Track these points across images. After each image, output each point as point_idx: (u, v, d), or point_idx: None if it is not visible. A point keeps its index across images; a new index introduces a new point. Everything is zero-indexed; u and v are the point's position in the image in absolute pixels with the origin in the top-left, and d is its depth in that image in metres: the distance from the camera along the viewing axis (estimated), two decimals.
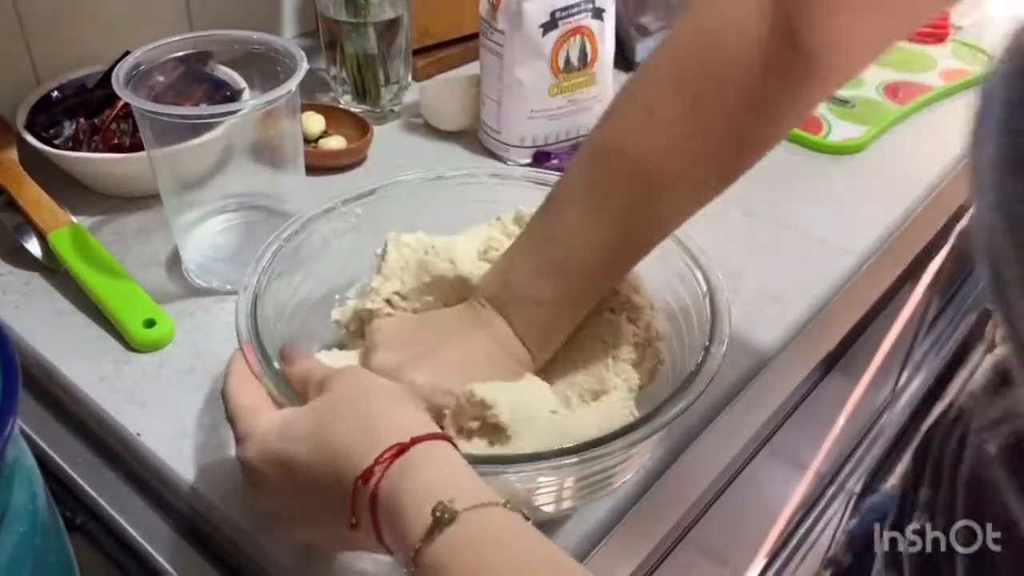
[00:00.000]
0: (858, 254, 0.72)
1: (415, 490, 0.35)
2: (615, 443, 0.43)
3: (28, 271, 0.67)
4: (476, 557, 0.33)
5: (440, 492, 0.35)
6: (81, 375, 0.58)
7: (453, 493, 0.35)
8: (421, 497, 0.35)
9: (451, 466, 0.37)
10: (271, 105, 0.60)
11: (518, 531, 0.35)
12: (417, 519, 0.34)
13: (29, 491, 0.34)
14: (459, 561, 0.33)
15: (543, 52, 0.78)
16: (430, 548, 0.34)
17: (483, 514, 0.34)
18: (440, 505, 0.34)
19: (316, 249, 0.57)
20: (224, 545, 0.51)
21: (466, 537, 0.34)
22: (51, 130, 0.75)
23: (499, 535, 0.34)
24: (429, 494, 0.35)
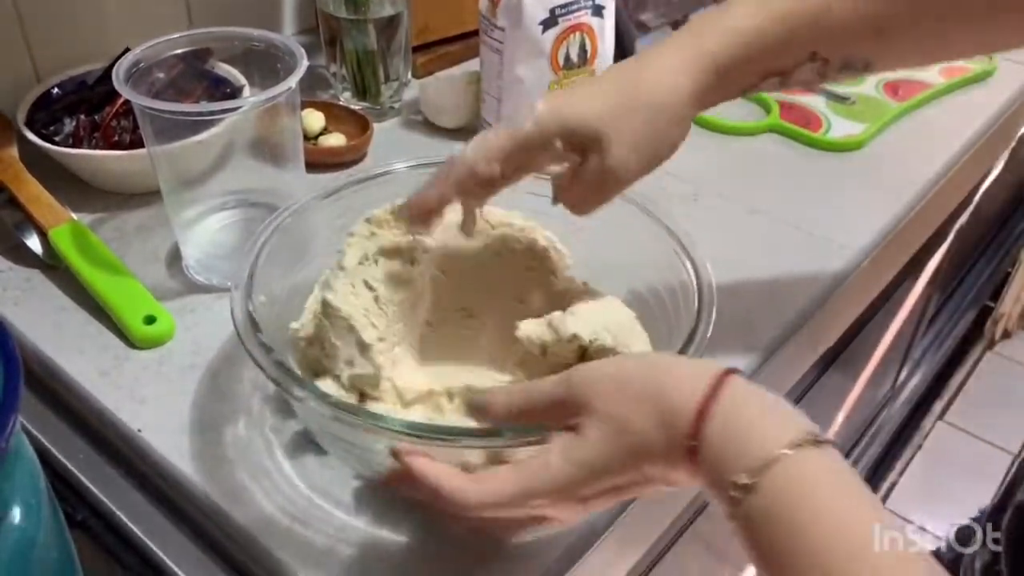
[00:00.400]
0: (858, 251, 0.72)
1: (722, 452, 0.37)
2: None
3: (28, 268, 0.67)
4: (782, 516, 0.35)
5: (744, 450, 0.36)
6: (82, 372, 0.58)
7: (756, 448, 0.36)
8: (730, 458, 0.36)
9: (747, 411, 0.38)
10: (271, 102, 0.60)
11: (829, 471, 0.36)
12: (727, 480, 0.36)
13: (31, 486, 0.34)
14: (772, 520, 0.35)
15: (543, 49, 0.78)
16: (740, 512, 0.36)
17: (787, 467, 0.35)
18: (748, 471, 0.35)
19: (310, 236, 0.57)
20: (224, 540, 0.51)
21: (772, 499, 0.35)
22: (51, 127, 0.75)
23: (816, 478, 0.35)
24: (737, 452, 0.36)
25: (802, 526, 0.34)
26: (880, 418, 1.49)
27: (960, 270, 1.60)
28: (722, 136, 0.89)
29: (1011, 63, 1.04)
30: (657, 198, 0.78)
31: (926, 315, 1.41)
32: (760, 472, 0.35)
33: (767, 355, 0.62)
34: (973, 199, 1.20)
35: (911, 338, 1.40)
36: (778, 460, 0.35)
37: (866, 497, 0.35)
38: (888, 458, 1.75)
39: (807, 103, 0.94)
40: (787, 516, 0.34)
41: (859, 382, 1.17)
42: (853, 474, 0.36)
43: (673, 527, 0.69)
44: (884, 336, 1.16)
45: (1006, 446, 1.88)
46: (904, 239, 0.81)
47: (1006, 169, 1.25)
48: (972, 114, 0.93)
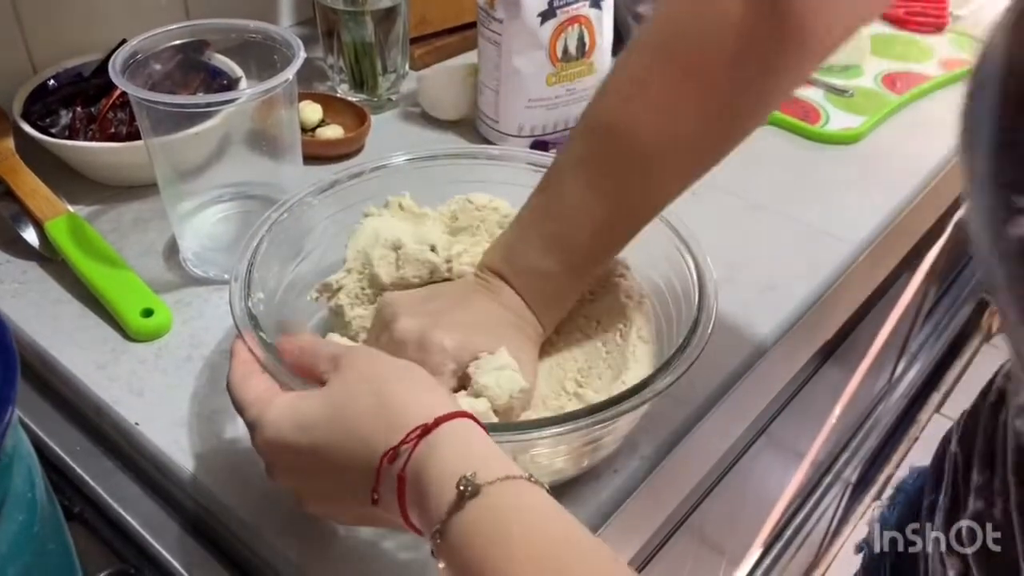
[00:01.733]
0: (855, 243, 0.72)
1: (440, 467, 0.36)
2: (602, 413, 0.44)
3: (25, 260, 0.67)
4: (500, 528, 0.34)
5: (464, 467, 0.35)
6: (79, 364, 0.58)
7: (477, 467, 0.35)
8: (446, 473, 0.36)
9: (474, 443, 0.38)
10: (268, 94, 0.59)
11: (540, 504, 0.36)
12: (442, 495, 0.35)
13: (28, 479, 0.34)
14: (483, 532, 0.34)
15: (541, 41, 0.78)
16: (455, 520, 0.34)
17: (506, 487, 0.35)
18: (463, 479, 0.35)
19: (307, 230, 0.58)
20: (222, 533, 0.51)
21: (490, 509, 0.34)
22: (48, 119, 0.74)
23: (522, 507, 0.35)
24: (453, 470, 0.35)
25: (512, 553, 0.33)
26: (877, 411, 1.49)
27: (958, 263, 1.60)
28: None
29: None
30: None
31: (924, 308, 1.41)
32: (479, 484, 0.35)
33: (765, 348, 0.62)
34: None
35: (908, 331, 1.40)
36: (499, 480, 0.35)
37: (585, 536, 0.35)
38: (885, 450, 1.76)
39: (805, 96, 0.94)
40: (499, 538, 0.34)
41: (856, 375, 1.17)
42: (571, 516, 0.36)
43: (669, 522, 0.70)
44: (882, 329, 1.16)
45: None
46: (902, 232, 0.81)
47: None
48: None
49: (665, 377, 0.47)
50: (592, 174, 0.51)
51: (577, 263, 0.53)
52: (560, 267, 0.52)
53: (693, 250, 0.55)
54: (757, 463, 0.89)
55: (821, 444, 1.21)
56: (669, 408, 0.56)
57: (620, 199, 0.51)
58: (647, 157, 0.50)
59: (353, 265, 0.56)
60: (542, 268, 0.52)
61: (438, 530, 0.35)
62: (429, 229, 0.58)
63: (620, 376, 0.53)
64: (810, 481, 1.29)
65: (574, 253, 0.52)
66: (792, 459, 1.15)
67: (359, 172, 0.60)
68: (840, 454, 1.37)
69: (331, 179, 0.59)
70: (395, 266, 0.55)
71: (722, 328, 0.63)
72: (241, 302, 0.49)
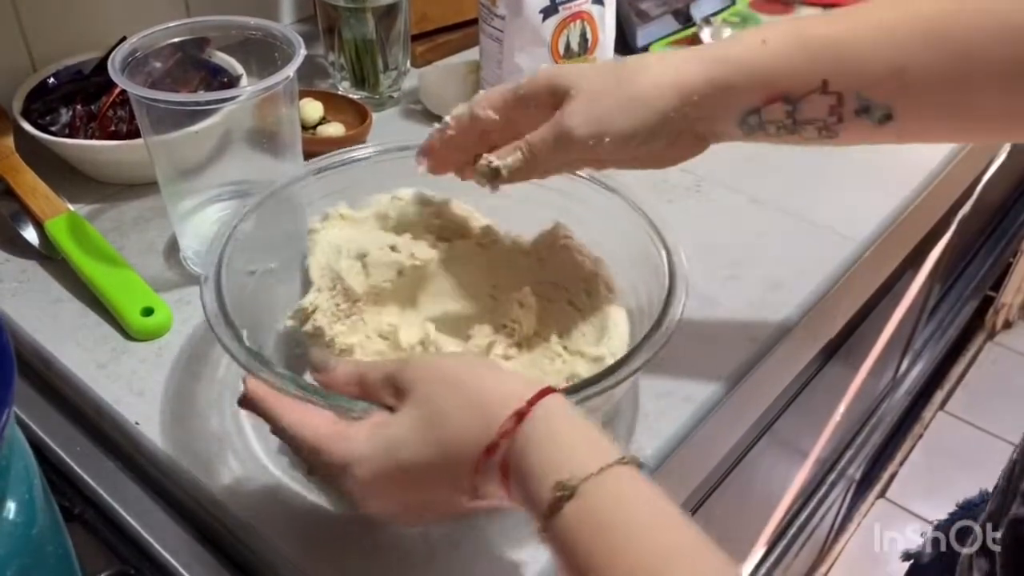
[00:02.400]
0: (859, 241, 0.72)
1: (538, 463, 0.36)
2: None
3: (25, 259, 0.67)
4: (601, 531, 0.34)
5: (558, 462, 0.36)
6: (79, 364, 0.58)
7: (571, 463, 0.36)
8: (543, 471, 0.36)
9: (563, 429, 0.38)
10: (269, 91, 0.59)
11: (637, 491, 0.36)
12: (540, 493, 0.36)
13: (26, 481, 0.34)
14: (584, 536, 0.35)
15: (543, 38, 0.77)
16: (555, 523, 0.35)
17: (602, 483, 0.35)
18: (558, 484, 0.35)
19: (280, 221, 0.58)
20: (222, 533, 0.51)
21: (588, 510, 0.35)
22: (48, 117, 0.74)
23: (621, 501, 0.35)
24: (548, 467, 0.36)
25: (614, 544, 0.34)
26: (881, 408, 1.49)
27: (962, 260, 1.60)
28: None
29: None
30: (659, 188, 0.78)
31: (927, 305, 1.40)
32: (574, 486, 0.35)
33: (769, 346, 0.62)
34: (975, 189, 1.19)
35: (912, 328, 1.39)
36: (593, 476, 0.35)
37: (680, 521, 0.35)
38: (889, 448, 1.76)
39: None
40: (600, 532, 0.34)
41: (860, 373, 1.17)
42: (665, 498, 0.36)
43: None
44: (885, 326, 1.16)
45: (1007, 436, 1.88)
46: (906, 229, 0.80)
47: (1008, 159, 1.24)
48: None
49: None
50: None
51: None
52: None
53: (668, 244, 0.54)
54: (761, 461, 0.89)
55: (825, 442, 1.20)
56: (672, 406, 0.56)
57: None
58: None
59: (322, 283, 0.55)
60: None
61: (542, 527, 0.36)
62: (373, 232, 0.58)
63: (606, 331, 0.53)
64: (814, 479, 1.29)
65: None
66: (796, 457, 1.15)
67: (323, 167, 0.60)
68: (844, 452, 1.37)
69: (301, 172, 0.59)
70: (364, 274, 0.54)
71: (724, 326, 0.63)
72: (213, 295, 0.48)
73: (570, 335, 0.55)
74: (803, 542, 1.26)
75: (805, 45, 0.46)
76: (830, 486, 1.34)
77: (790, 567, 1.25)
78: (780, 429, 0.88)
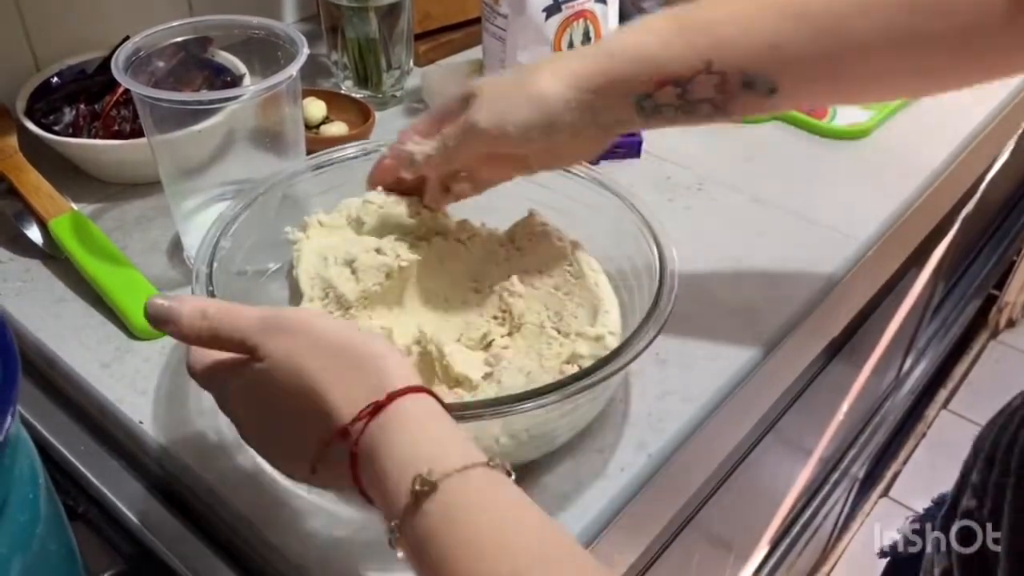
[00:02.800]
0: (863, 239, 0.72)
1: (395, 456, 0.35)
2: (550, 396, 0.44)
3: (29, 258, 0.67)
4: (461, 524, 0.33)
5: (418, 460, 0.34)
6: (83, 363, 0.58)
7: (432, 458, 0.34)
8: (401, 465, 0.35)
9: (429, 425, 0.37)
10: (272, 90, 0.59)
11: (501, 493, 0.35)
12: (398, 489, 0.34)
13: (31, 479, 0.34)
14: (443, 531, 0.33)
15: (546, 36, 0.77)
16: (413, 521, 0.33)
17: (465, 479, 0.34)
18: (419, 478, 0.34)
19: (283, 214, 0.59)
20: (227, 533, 0.51)
21: (448, 506, 0.33)
22: (51, 116, 0.74)
23: (482, 500, 0.34)
24: (408, 463, 0.34)
25: (476, 546, 0.33)
26: (884, 407, 1.48)
27: (965, 258, 1.60)
28: (726, 124, 0.88)
29: None
30: (662, 187, 0.78)
31: (931, 304, 1.40)
32: (434, 481, 0.34)
33: (772, 344, 0.62)
34: (979, 188, 1.19)
35: (916, 327, 1.39)
36: (456, 472, 0.34)
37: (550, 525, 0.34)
38: (892, 446, 1.75)
39: None
40: (459, 531, 0.33)
41: (864, 371, 1.16)
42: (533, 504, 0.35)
43: (676, 519, 0.69)
44: (889, 325, 1.15)
45: None
46: (909, 228, 0.80)
47: (1012, 157, 1.24)
48: (978, 102, 0.93)
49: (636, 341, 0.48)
50: None
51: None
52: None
53: (660, 241, 0.55)
54: (764, 460, 0.89)
55: (828, 440, 1.20)
56: (676, 405, 0.56)
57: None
58: None
59: (313, 293, 0.54)
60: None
61: (396, 524, 0.34)
62: (354, 237, 0.58)
63: (599, 308, 0.54)
64: (817, 478, 1.29)
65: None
66: (799, 456, 1.15)
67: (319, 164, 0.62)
68: (847, 450, 1.37)
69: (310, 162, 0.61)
70: (355, 280, 0.54)
71: (728, 324, 0.63)
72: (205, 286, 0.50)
73: (562, 318, 0.55)
74: (806, 541, 1.26)
75: (685, 29, 0.50)
76: (833, 485, 1.34)
77: (793, 565, 1.25)
78: (783, 428, 0.88)
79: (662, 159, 0.80)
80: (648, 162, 0.80)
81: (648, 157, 0.80)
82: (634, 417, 0.55)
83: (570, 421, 0.51)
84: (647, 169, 0.80)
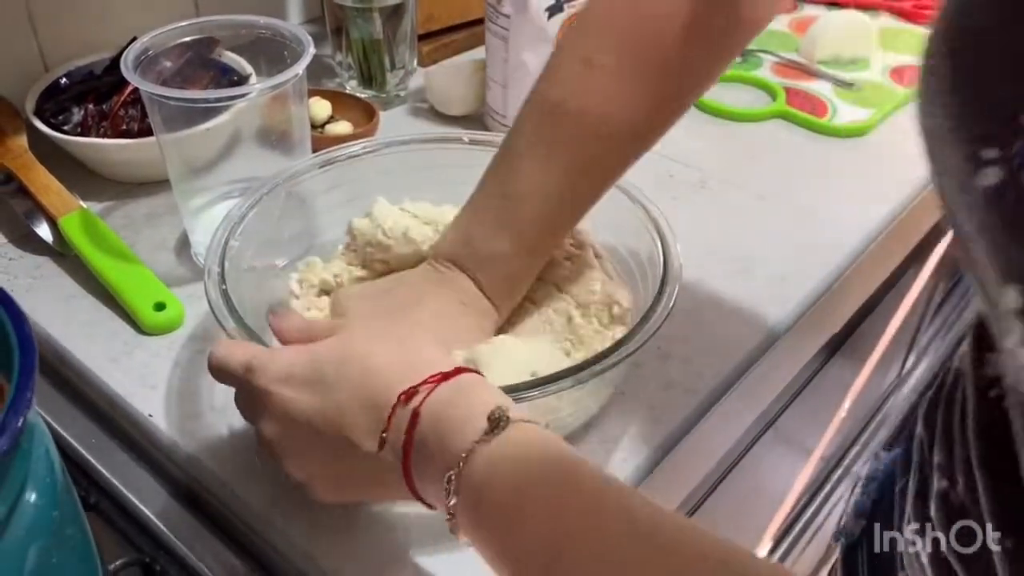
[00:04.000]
0: (863, 237, 0.72)
1: (467, 403, 0.37)
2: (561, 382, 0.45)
3: (39, 256, 0.68)
4: (527, 461, 0.35)
5: (489, 405, 0.37)
6: (93, 358, 0.59)
7: (504, 404, 0.37)
8: (474, 408, 0.37)
9: (493, 391, 0.39)
10: (278, 89, 0.60)
11: (564, 448, 0.36)
12: (469, 425, 0.36)
13: (47, 463, 0.35)
14: (508, 467, 0.35)
15: (549, 35, 0.78)
16: (479, 451, 0.35)
17: (531, 428, 0.36)
18: (497, 409, 0.36)
19: (289, 211, 0.60)
20: (235, 523, 0.51)
21: (517, 445, 0.35)
22: (60, 116, 0.75)
23: (547, 446, 0.36)
24: (482, 405, 0.36)
25: (509, 515, 0.34)
26: (887, 405, 1.49)
27: None
28: (729, 123, 0.89)
29: None
30: (664, 184, 0.78)
31: (933, 302, 1.40)
32: (507, 418, 0.36)
33: (773, 340, 0.63)
34: None
35: (918, 325, 1.39)
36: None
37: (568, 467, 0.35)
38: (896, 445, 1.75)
39: (813, 89, 0.94)
40: (494, 507, 0.34)
41: (865, 369, 1.17)
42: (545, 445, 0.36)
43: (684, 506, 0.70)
44: (890, 322, 1.16)
45: None
46: (909, 225, 0.81)
47: None
48: None
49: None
50: (544, 152, 0.52)
51: (531, 243, 0.54)
52: (514, 247, 0.53)
53: (665, 237, 0.56)
54: (765, 458, 0.89)
55: (831, 438, 1.21)
56: (676, 399, 0.57)
57: (573, 174, 0.52)
58: (596, 132, 0.51)
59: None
60: (496, 250, 0.53)
61: (456, 472, 0.35)
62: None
63: (613, 303, 0.55)
64: (819, 476, 1.29)
65: (528, 231, 0.53)
66: (800, 453, 1.16)
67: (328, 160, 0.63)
68: (850, 448, 1.37)
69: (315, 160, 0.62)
70: None
71: (729, 319, 0.63)
72: (217, 288, 0.50)
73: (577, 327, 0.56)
74: (809, 539, 1.26)
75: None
76: (836, 482, 1.34)
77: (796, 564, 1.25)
78: (785, 425, 0.88)
79: (665, 157, 0.81)
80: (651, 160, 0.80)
81: (651, 155, 0.80)
82: (636, 410, 0.56)
83: (574, 413, 0.52)
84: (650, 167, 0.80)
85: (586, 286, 0.57)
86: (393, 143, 0.64)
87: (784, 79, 0.96)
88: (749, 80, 0.95)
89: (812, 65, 0.98)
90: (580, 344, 0.55)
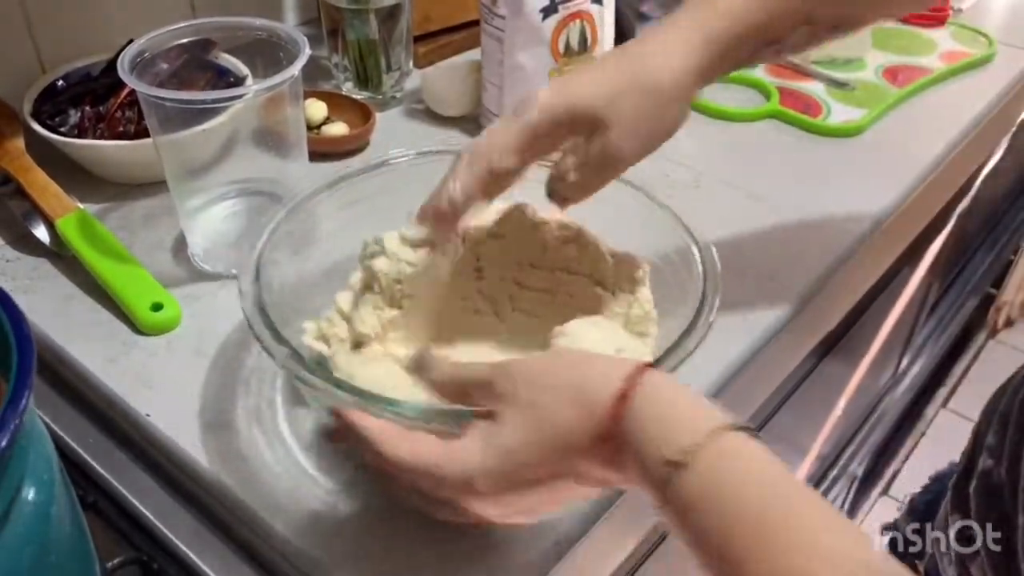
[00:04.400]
0: (857, 236, 0.73)
1: (647, 439, 0.37)
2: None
3: (36, 257, 0.68)
4: (714, 501, 0.34)
5: (667, 440, 0.36)
6: (90, 358, 0.59)
7: (680, 436, 0.36)
8: (654, 447, 0.36)
9: (669, 398, 0.38)
10: (275, 90, 0.60)
11: (751, 461, 0.36)
12: (655, 470, 0.36)
13: (44, 461, 0.35)
14: (698, 508, 0.34)
15: (544, 37, 0.78)
16: (670, 497, 0.35)
17: (712, 452, 0.35)
18: (666, 463, 0.35)
19: (315, 226, 0.58)
20: (232, 522, 0.52)
21: (700, 483, 0.35)
22: (57, 118, 0.75)
23: (734, 471, 0.35)
24: (657, 444, 0.36)
25: (734, 511, 0.34)
26: (882, 405, 1.49)
27: (961, 257, 1.61)
28: (722, 122, 0.89)
29: (1010, 48, 1.04)
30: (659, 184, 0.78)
31: (927, 302, 1.41)
32: (689, 453, 0.35)
33: (767, 339, 0.63)
34: (973, 185, 1.20)
35: (912, 325, 1.40)
36: (705, 444, 0.35)
37: (796, 485, 0.35)
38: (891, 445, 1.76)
39: (807, 89, 0.94)
40: (718, 500, 0.34)
41: (859, 369, 1.17)
42: (779, 463, 0.36)
43: None
44: (885, 323, 1.16)
45: None
46: (904, 225, 0.81)
47: (1007, 155, 1.25)
48: (972, 99, 0.94)
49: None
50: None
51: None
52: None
53: (700, 244, 0.56)
54: None
55: (825, 438, 1.21)
56: None
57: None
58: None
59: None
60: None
61: (659, 501, 0.36)
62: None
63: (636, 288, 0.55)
64: (815, 475, 1.30)
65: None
66: (795, 453, 1.16)
67: (365, 169, 0.61)
68: (846, 448, 1.38)
69: (338, 175, 0.60)
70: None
71: (723, 319, 0.63)
72: (253, 296, 0.49)
73: None
74: None
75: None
76: (832, 482, 1.35)
77: None
78: (778, 425, 0.89)
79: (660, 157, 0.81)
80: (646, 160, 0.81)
81: None
82: None
83: None
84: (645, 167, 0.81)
85: (598, 261, 0.57)
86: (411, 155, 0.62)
87: (778, 79, 0.96)
88: (743, 80, 0.96)
89: (806, 65, 0.99)
90: (616, 316, 0.55)
